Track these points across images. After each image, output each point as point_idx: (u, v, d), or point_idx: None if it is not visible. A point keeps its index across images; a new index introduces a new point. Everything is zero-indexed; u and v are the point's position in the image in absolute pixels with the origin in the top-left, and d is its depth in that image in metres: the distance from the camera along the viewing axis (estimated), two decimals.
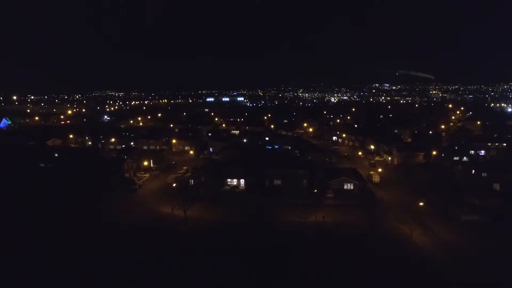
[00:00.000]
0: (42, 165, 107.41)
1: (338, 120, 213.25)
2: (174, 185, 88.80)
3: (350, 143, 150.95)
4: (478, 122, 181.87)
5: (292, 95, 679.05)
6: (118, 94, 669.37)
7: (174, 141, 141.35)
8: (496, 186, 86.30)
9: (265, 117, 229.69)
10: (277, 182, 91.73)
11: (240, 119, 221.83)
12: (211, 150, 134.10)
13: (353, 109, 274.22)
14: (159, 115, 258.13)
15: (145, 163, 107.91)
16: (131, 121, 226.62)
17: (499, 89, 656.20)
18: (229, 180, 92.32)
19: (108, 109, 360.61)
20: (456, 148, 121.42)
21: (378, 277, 49.04)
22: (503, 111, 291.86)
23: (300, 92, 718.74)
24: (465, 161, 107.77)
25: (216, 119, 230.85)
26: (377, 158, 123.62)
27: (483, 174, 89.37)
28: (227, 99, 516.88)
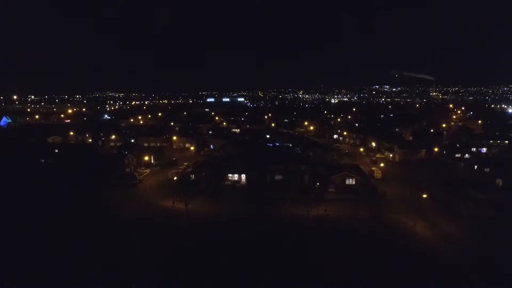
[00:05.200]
0: (42, 160, 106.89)
1: (339, 119, 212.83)
2: (175, 178, 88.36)
3: (351, 141, 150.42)
4: (479, 121, 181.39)
5: (292, 97, 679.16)
6: (118, 95, 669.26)
7: (174, 138, 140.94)
8: (499, 182, 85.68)
9: (266, 117, 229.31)
10: (278, 177, 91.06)
11: (241, 119, 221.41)
12: (211, 147, 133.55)
13: (354, 109, 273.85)
14: (160, 114, 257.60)
15: (146, 158, 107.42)
16: (132, 120, 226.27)
17: (499, 91, 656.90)
18: (230, 175, 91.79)
19: (108, 109, 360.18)
20: (458, 146, 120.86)
21: (381, 265, 48.61)
22: (504, 112, 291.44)
23: (301, 94, 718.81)
24: (467, 158, 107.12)
25: (217, 118, 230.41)
26: (378, 155, 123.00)
27: (486, 170, 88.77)
28: (228, 99, 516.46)
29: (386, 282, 45.00)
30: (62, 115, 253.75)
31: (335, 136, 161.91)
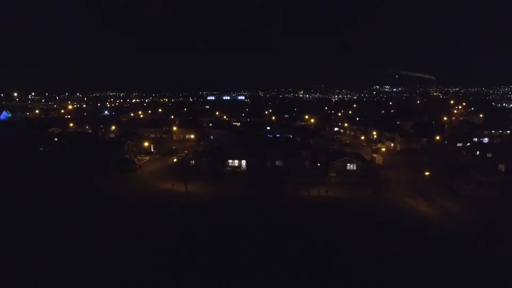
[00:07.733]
0: (42, 149, 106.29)
1: (339, 114, 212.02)
2: (175, 160, 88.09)
3: (352, 133, 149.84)
4: (481, 115, 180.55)
5: (292, 96, 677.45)
6: (118, 95, 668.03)
7: (175, 128, 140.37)
8: (501, 167, 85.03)
9: (266, 112, 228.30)
10: (279, 163, 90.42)
11: (241, 114, 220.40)
12: (211, 138, 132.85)
13: (355, 105, 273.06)
14: (160, 110, 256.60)
15: (146, 144, 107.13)
16: (132, 115, 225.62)
17: (500, 92, 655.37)
18: (230, 161, 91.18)
19: (108, 105, 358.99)
20: (460, 136, 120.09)
21: (382, 237, 48.11)
22: (504, 108, 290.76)
23: (301, 93, 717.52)
24: (469, 146, 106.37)
25: (217, 113, 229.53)
26: (379, 145, 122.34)
27: (488, 155, 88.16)
28: (228, 97, 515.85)
29: (388, 256, 44.38)
30: (62, 111, 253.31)
31: (335, 128, 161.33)
